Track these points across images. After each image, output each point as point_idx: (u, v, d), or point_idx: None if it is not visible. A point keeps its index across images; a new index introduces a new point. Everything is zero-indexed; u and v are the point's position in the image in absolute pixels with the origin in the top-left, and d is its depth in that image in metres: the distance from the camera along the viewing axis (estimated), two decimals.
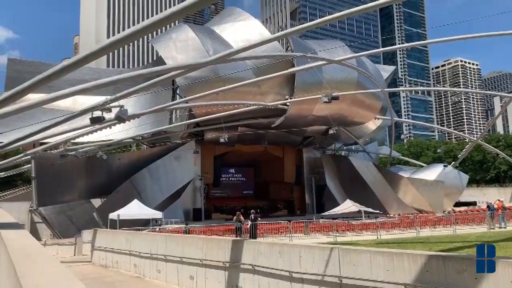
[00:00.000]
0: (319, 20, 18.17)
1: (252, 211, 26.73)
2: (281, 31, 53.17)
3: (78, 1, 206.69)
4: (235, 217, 25.51)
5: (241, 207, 40.88)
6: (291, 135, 43.97)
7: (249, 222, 24.41)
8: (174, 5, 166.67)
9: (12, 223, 11.37)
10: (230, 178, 53.04)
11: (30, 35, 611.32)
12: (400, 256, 9.35)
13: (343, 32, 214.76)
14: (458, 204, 49.30)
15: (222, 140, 34.82)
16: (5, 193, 55.43)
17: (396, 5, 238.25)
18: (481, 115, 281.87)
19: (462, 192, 48.61)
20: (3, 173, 49.22)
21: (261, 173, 53.95)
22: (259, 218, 26.29)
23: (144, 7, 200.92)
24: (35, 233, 39.68)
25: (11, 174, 52.93)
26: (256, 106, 33.09)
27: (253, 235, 23.74)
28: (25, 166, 45.57)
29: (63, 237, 35.96)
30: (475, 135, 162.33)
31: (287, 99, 36.14)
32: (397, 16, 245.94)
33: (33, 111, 21.25)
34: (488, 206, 30.21)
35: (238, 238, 21.38)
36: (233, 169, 53.31)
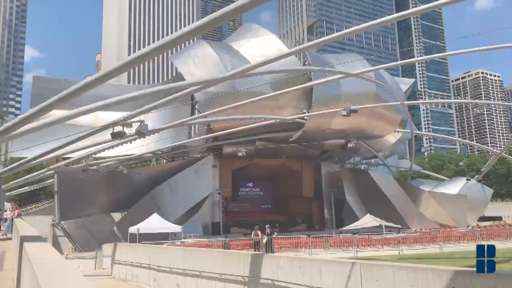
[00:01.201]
0: (336, 34, 18.21)
1: (267, 225, 26.47)
2: (298, 45, 53.42)
3: (101, 20, 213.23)
4: (253, 232, 25.39)
5: (260, 222, 40.60)
6: (309, 149, 43.71)
7: (265, 237, 24.22)
8: (193, 22, 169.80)
9: (35, 236, 11.54)
10: (249, 192, 52.88)
11: (54, 54, 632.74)
12: (425, 271, 9.11)
13: (360, 45, 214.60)
14: (482, 218, 47.98)
15: (240, 154, 34.94)
16: (29, 207, 56.67)
17: (414, 18, 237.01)
18: (504, 127, 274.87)
19: (486, 206, 47.28)
20: (27, 187, 50.45)
21: (280, 187, 53.63)
22: (275, 233, 26.05)
23: (164, 25, 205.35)
24: (57, 246, 40.21)
25: (35, 188, 54.17)
26: (274, 120, 33.15)
27: (270, 250, 23.55)
28: (48, 181, 46.62)
29: (84, 250, 36.38)
30: (498, 148, 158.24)
31: (305, 113, 36.09)
32: (415, 29, 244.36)
33: (57, 127, 21.77)
34: None
35: (257, 252, 21.22)
36: (251, 183, 53.16)
